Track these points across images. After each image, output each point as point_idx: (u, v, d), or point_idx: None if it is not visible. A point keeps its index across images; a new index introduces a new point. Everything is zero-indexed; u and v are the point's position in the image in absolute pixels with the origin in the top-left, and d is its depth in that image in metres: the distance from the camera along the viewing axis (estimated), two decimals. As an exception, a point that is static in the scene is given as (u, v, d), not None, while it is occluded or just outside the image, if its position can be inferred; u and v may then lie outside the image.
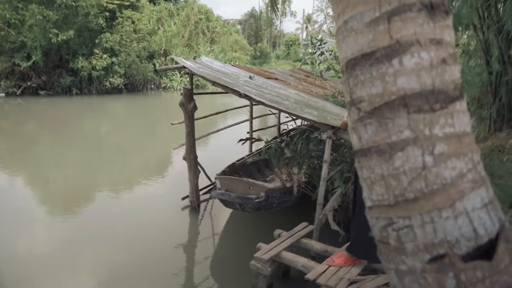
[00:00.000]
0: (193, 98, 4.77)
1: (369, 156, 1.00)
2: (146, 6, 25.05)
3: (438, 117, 0.91)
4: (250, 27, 65.00)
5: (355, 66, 1.00)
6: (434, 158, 0.90)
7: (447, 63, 0.92)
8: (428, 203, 0.90)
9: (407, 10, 0.92)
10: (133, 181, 6.97)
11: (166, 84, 24.64)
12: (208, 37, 31.67)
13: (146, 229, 4.89)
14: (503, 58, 5.24)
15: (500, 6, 5.36)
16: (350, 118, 1.07)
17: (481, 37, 5.29)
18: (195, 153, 5.05)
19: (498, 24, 4.94)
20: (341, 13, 1.03)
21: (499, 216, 0.92)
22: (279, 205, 4.82)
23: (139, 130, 12.67)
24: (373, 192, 1.01)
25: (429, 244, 0.90)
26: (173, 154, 9.04)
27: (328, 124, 3.53)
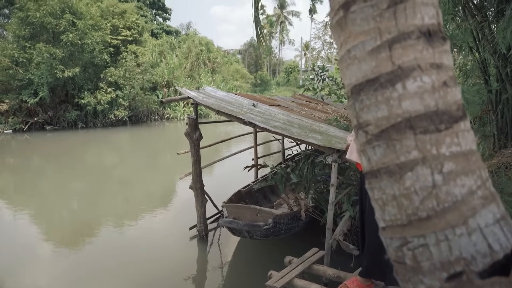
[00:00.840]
0: (198, 128, 4.85)
1: (379, 177, 1.03)
2: (148, 40, 25.87)
3: (444, 137, 0.94)
4: (250, 56, 66.63)
5: (360, 92, 1.05)
6: (443, 177, 0.93)
7: (448, 85, 0.97)
8: (441, 221, 0.92)
9: (406, 38, 0.97)
10: (139, 212, 6.96)
11: (169, 114, 25.02)
12: (210, 67, 32.42)
13: (154, 261, 4.84)
14: (501, 76, 5.33)
15: (494, 26, 5.51)
16: (358, 141, 1.11)
17: (477, 57, 5.41)
18: (202, 182, 5.07)
19: (493, 44, 5.06)
20: (344, 43, 1.09)
21: (512, 231, 0.93)
22: (287, 231, 4.78)
23: (143, 161, 12.76)
24: (385, 212, 1.03)
25: (445, 262, 0.91)
26: (178, 184, 9.05)
27: (333, 148, 3.57)
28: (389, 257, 2.73)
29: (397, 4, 0.97)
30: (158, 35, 33.34)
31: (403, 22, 0.98)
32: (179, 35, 37.66)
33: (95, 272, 4.61)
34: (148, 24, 29.81)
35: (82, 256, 5.16)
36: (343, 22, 1.07)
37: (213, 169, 8.85)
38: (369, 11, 1.00)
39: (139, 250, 5.25)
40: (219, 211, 5.86)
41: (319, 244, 4.49)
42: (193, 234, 5.48)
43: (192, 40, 31.91)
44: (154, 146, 16.42)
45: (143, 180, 9.87)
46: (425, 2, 0.99)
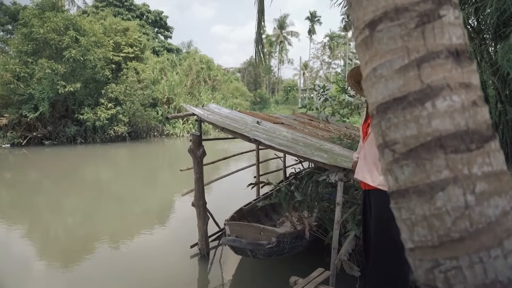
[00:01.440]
0: (202, 144, 4.84)
1: (407, 197, 1.01)
2: (150, 57, 26.18)
3: (475, 157, 0.93)
4: (249, 74, 67.40)
5: (387, 110, 1.05)
6: (476, 197, 0.91)
7: (478, 104, 0.97)
8: (475, 242, 0.90)
9: (435, 57, 0.98)
10: (137, 230, 6.85)
11: (169, 131, 25.07)
12: (210, 85, 32.74)
13: (153, 280, 4.72)
14: (501, 98, 5.39)
15: (492, 49, 5.61)
16: (383, 160, 1.10)
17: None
18: (204, 199, 5.02)
19: (492, 65, 5.14)
20: (369, 62, 1.09)
21: (547, 254, 0.91)
22: (291, 250, 4.70)
23: (142, 177, 12.68)
24: (414, 233, 1.01)
25: (480, 286, 0.88)
26: (177, 201, 8.97)
27: (339, 166, 3.55)
28: (395, 277, 2.63)
29: (425, 24, 0.98)
30: (159, 52, 33.80)
31: (431, 42, 0.98)
32: (180, 53, 38.19)
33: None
34: (150, 41, 30.26)
35: (77, 275, 5.03)
36: (369, 41, 1.08)
37: (212, 186, 8.79)
38: (397, 30, 1.01)
39: (137, 268, 5.13)
40: (220, 229, 5.78)
41: (322, 264, 4.41)
42: (194, 253, 5.38)
43: (193, 58, 32.35)
44: (153, 163, 16.36)
45: (141, 196, 9.78)
46: (452, 23, 0.99)
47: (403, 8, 0.99)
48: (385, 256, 2.51)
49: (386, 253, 2.51)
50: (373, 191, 2.56)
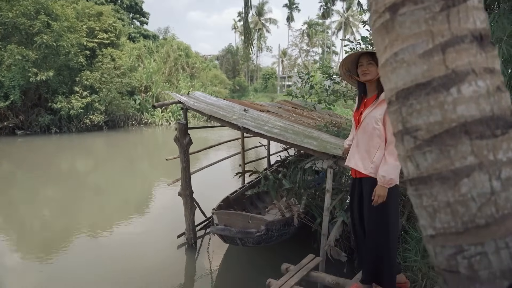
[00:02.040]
0: (188, 133, 4.75)
1: (429, 183, 1.00)
2: (126, 43, 25.37)
3: (500, 143, 0.93)
4: (228, 62, 66.67)
5: (409, 96, 1.03)
6: (501, 183, 0.91)
7: (502, 90, 0.96)
8: (500, 228, 0.90)
9: (460, 42, 0.96)
10: (120, 221, 6.72)
11: (147, 120, 24.55)
12: (188, 72, 32.18)
13: (139, 270, 4.66)
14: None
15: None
16: (402, 147, 1.08)
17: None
18: (191, 188, 4.95)
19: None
20: (389, 46, 1.07)
21: None
22: (279, 237, 4.73)
23: (122, 167, 12.40)
24: (436, 220, 1.00)
25: (506, 270, 0.89)
26: (161, 191, 8.85)
27: (329, 153, 3.57)
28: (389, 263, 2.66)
29: (450, 8, 0.96)
30: (135, 39, 32.83)
31: (456, 26, 0.96)
32: (157, 39, 37.23)
33: (72, 285, 4.37)
34: (126, 27, 29.27)
35: (56, 268, 4.87)
36: (390, 25, 1.05)
37: (196, 175, 8.70)
38: (421, 13, 0.98)
39: (122, 259, 5.04)
40: (207, 218, 5.75)
41: (309, 250, 4.46)
42: (181, 242, 5.33)
43: (171, 45, 31.62)
44: (132, 152, 16.02)
45: (122, 187, 9.57)
46: (476, 6, 0.97)
47: (428, -10, 0.97)
48: (378, 239, 2.56)
49: (380, 236, 2.56)
50: (365, 179, 2.58)
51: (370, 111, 2.54)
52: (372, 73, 2.57)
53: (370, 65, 2.57)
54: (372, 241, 2.59)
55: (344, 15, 61.44)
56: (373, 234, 2.57)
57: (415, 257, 3.53)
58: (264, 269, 4.76)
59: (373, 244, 2.59)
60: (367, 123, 2.54)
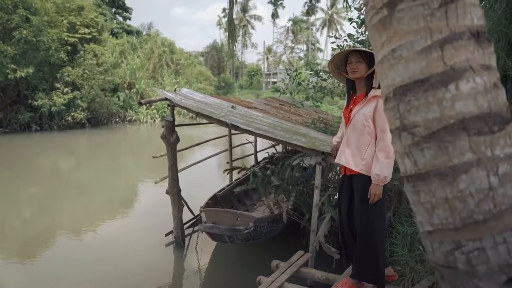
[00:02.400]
0: (175, 130, 4.68)
1: (427, 180, 1.01)
2: (108, 39, 24.87)
3: (497, 139, 0.94)
4: (212, 58, 66.20)
5: (407, 92, 1.03)
6: (499, 179, 0.92)
7: (498, 86, 0.97)
8: (498, 223, 0.91)
9: (458, 38, 0.96)
10: (106, 220, 6.59)
11: (131, 117, 24.17)
12: (173, 69, 31.81)
13: (127, 270, 4.58)
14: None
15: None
16: (399, 143, 1.08)
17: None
18: (179, 186, 4.90)
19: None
20: (387, 42, 1.06)
21: None
22: (267, 234, 4.73)
23: (106, 166, 12.18)
24: (434, 216, 1.01)
25: (504, 265, 0.90)
26: (147, 189, 8.73)
27: (318, 150, 3.58)
28: (379, 259, 2.69)
29: (448, 4, 0.96)
30: (118, 34, 32.20)
31: (454, 22, 0.96)
32: (140, 35, 36.62)
33: (55, 287, 4.26)
34: (108, 22, 28.66)
35: (37, 269, 4.72)
36: (388, 21, 1.04)
37: (181, 173, 8.62)
38: (419, 10, 0.98)
39: (108, 259, 4.94)
40: (195, 216, 5.70)
41: (298, 246, 4.48)
42: (169, 241, 5.27)
43: (155, 41, 31.17)
44: (116, 150, 15.76)
45: (106, 185, 9.40)
46: (473, 3, 0.98)
47: (426, -14, 0.96)
48: (369, 235, 2.59)
49: (370, 232, 2.58)
50: (356, 176, 2.60)
51: (360, 108, 2.55)
52: (361, 71, 2.59)
53: (359, 63, 2.58)
54: (362, 237, 2.62)
55: (328, 12, 61.80)
56: (364, 230, 2.59)
57: (402, 251, 3.58)
58: (254, 266, 4.76)
59: (364, 240, 2.61)
60: (357, 120, 2.55)
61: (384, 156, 2.41)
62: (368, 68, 2.57)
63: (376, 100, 2.47)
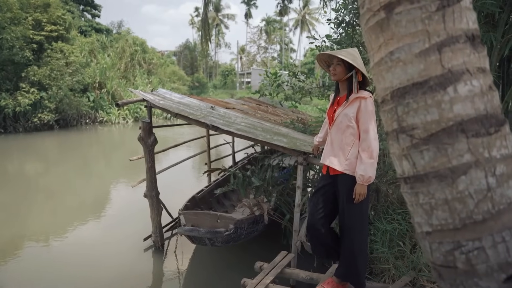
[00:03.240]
0: (152, 132, 4.57)
1: (426, 181, 1.02)
2: (77, 37, 23.99)
3: (494, 140, 0.96)
4: (185, 58, 65.38)
5: (405, 95, 1.03)
6: (496, 179, 0.94)
7: (493, 89, 0.99)
8: (497, 223, 0.93)
9: (455, 42, 0.97)
10: (78, 225, 6.34)
11: (102, 118, 23.41)
12: (145, 68, 31.10)
13: (103, 278, 4.42)
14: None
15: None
16: (397, 145, 1.09)
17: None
18: (157, 189, 4.78)
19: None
20: (384, 45, 1.06)
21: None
22: (247, 235, 4.72)
23: (76, 169, 11.73)
24: (433, 217, 1.02)
25: (503, 264, 0.92)
26: (124, 192, 8.49)
27: (299, 150, 3.59)
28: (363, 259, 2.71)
29: (446, 7, 0.97)
30: (87, 32, 31.14)
31: (451, 26, 0.98)
32: (110, 33, 35.59)
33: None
34: (76, 20, 27.66)
35: (4, 279, 4.49)
36: (385, 23, 1.05)
37: (158, 176, 8.43)
38: (417, 13, 0.99)
39: (81, 266, 4.73)
40: (174, 219, 5.59)
41: (279, 246, 4.49)
42: (148, 245, 5.14)
43: (126, 40, 30.35)
44: (87, 153, 15.21)
45: (77, 190, 9.05)
46: (468, 7, 1.00)
47: (424, -10, 0.97)
48: (354, 235, 2.62)
49: (356, 231, 2.62)
50: (340, 176, 2.62)
51: (343, 109, 2.58)
52: (339, 74, 2.62)
53: (338, 66, 2.62)
54: (348, 236, 2.65)
55: (301, 13, 62.50)
56: (350, 230, 2.62)
57: (382, 248, 3.66)
58: (236, 267, 4.72)
59: (349, 240, 2.64)
60: (341, 121, 2.57)
61: (367, 156, 2.45)
62: (347, 71, 2.60)
63: (359, 101, 2.51)
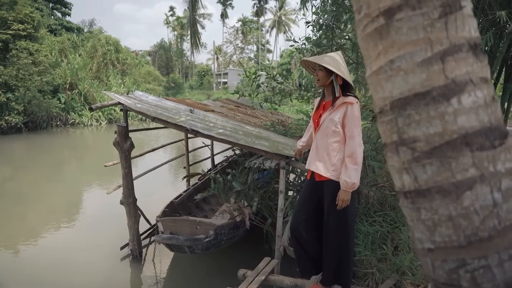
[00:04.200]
0: (129, 136, 4.40)
1: (429, 197, 0.97)
2: (46, 36, 23.07)
3: (499, 153, 0.92)
4: (161, 58, 64.33)
5: (406, 106, 0.98)
6: (502, 194, 0.91)
7: (496, 100, 0.95)
8: (503, 240, 0.89)
9: (458, 51, 0.93)
10: (50, 235, 6.04)
11: (74, 120, 22.60)
12: (119, 69, 30.29)
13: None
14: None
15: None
16: (397, 158, 1.04)
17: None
18: (134, 196, 4.61)
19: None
20: (383, 53, 1.01)
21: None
22: (228, 241, 4.62)
23: (47, 174, 11.23)
24: (436, 233, 0.98)
25: (510, 282, 0.89)
26: (99, 199, 8.19)
27: (282, 154, 3.54)
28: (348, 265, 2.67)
29: (448, 15, 0.92)
30: (57, 31, 30.01)
31: (453, 34, 0.93)
32: (81, 32, 34.46)
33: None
34: (45, 18, 26.56)
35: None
36: (385, 30, 0.99)
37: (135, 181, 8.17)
38: (419, 20, 0.94)
39: (52, 280, 4.49)
40: (151, 226, 5.42)
41: (261, 251, 4.43)
42: (125, 254, 4.95)
43: (98, 39, 29.46)
44: (58, 156, 14.62)
45: (48, 196, 8.64)
46: (470, 14, 0.95)
47: (426, -4, 0.93)
48: (340, 240, 2.60)
49: (341, 237, 2.59)
50: (326, 182, 2.58)
51: (329, 114, 2.54)
52: (322, 80, 2.59)
53: (320, 71, 2.59)
54: (334, 242, 2.61)
55: (277, 14, 62.84)
56: (335, 235, 2.59)
57: (364, 251, 3.66)
58: (218, 274, 4.62)
59: (335, 246, 2.61)
60: (327, 126, 2.54)
61: (352, 162, 2.42)
62: (329, 76, 2.57)
63: (345, 106, 2.48)
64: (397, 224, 3.89)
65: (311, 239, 2.76)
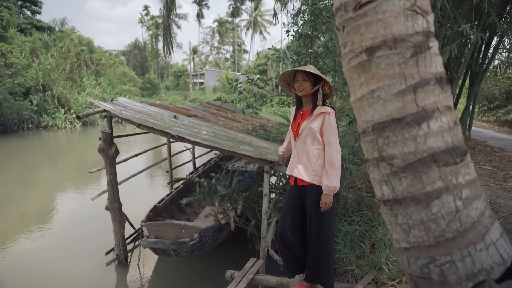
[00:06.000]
0: (113, 142, 4.44)
1: (404, 204, 1.16)
2: (16, 36, 22.28)
3: (460, 168, 1.12)
4: (135, 58, 63.27)
5: (385, 129, 1.17)
6: (463, 202, 1.11)
7: (457, 124, 1.15)
8: (464, 239, 1.09)
9: (427, 84, 1.13)
10: (29, 243, 5.96)
11: (47, 122, 21.93)
12: (93, 69, 29.62)
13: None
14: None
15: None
16: (378, 171, 1.22)
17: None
18: (119, 201, 4.65)
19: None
20: (366, 83, 1.19)
21: (509, 241, 1.17)
22: (212, 243, 4.75)
23: (16, 178, 10.92)
24: (410, 235, 1.16)
25: (470, 274, 1.08)
26: (80, 204, 8.08)
27: (265, 159, 3.70)
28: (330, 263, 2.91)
29: (419, 54, 1.12)
30: (26, 30, 28.98)
31: (423, 70, 1.13)
32: (53, 32, 33.41)
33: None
34: (14, 17, 25.63)
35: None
36: (367, 65, 1.18)
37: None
38: (395, 58, 1.13)
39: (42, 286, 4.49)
40: (136, 230, 5.46)
41: (246, 252, 4.57)
42: (110, 259, 4.97)
43: (71, 39, 28.71)
44: (31, 161, 14.19)
45: (22, 203, 8.44)
46: (436, 53, 1.16)
47: (400, 38, 1.11)
48: (323, 241, 2.78)
49: (324, 238, 2.78)
50: (309, 187, 2.76)
51: (308, 123, 2.72)
52: (306, 89, 2.76)
53: (305, 81, 2.75)
54: (320, 243, 2.80)
55: (252, 15, 63.15)
56: (319, 236, 2.78)
57: (344, 249, 3.89)
58: (204, 276, 4.73)
59: (318, 246, 2.80)
60: (306, 134, 2.72)
61: (331, 167, 2.62)
62: (313, 86, 2.75)
63: (323, 116, 2.67)
64: (374, 223, 4.14)
65: (297, 241, 2.94)
